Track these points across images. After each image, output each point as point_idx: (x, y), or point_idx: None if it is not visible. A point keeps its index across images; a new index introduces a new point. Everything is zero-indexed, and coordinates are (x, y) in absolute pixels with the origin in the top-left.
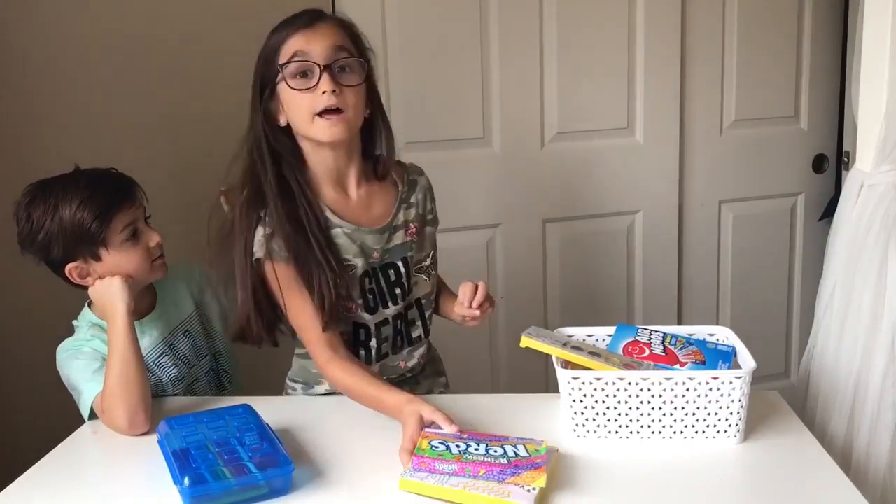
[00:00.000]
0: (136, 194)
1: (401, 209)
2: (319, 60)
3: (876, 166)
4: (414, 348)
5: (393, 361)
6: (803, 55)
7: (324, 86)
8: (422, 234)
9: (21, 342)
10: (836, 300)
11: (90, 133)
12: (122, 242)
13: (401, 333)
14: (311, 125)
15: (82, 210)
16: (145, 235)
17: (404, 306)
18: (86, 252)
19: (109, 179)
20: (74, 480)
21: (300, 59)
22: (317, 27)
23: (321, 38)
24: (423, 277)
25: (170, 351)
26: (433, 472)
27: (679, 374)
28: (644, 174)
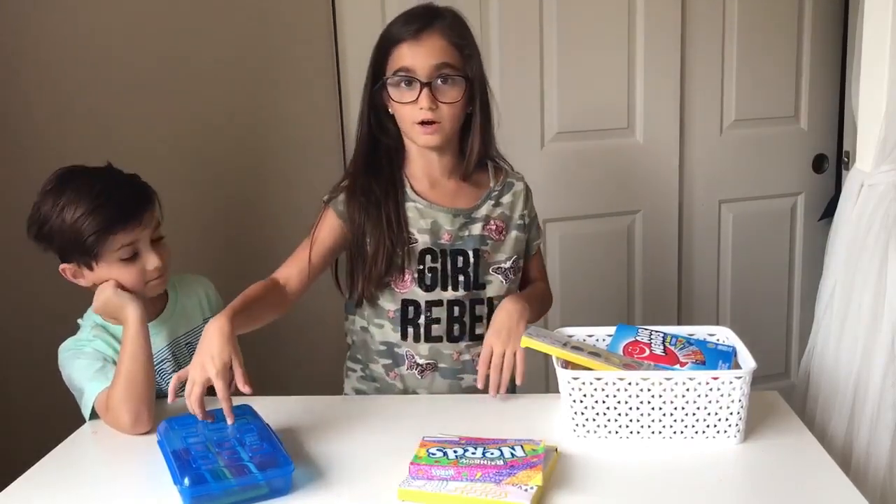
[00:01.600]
0: (144, 215)
1: (486, 203)
2: (422, 77)
3: (876, 166)
4: (474, 345)
5: (446, 349)
6: (803, 55)
7: (422, 102)
8: (505, 235)
9: (21, 342)
10: (836, 300)
11: (91, 133)
12: (117, 259)
13: (460, 323)
14: (410, 129)
15: (83, 221)
16: (144, 257)
17: (469, 298)
18: (78, 259)
19: (124, 193)
20: (74, 480)
21: (403, 74)
22: (424, 40)
23: (426, 53)
24: (498, 278)
25: (171, 358)
26: (431, 480)
27: (679, 374)
28: (644, 174)
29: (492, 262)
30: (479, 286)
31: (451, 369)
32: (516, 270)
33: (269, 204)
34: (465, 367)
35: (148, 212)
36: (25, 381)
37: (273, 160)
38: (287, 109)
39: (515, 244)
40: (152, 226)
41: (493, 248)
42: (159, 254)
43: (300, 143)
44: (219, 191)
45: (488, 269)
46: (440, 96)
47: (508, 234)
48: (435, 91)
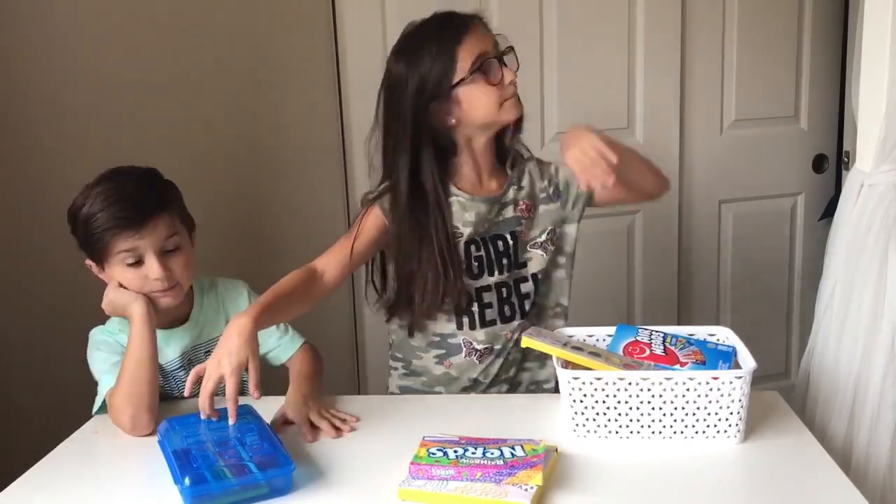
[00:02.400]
0: (147, 223)
1: (510, 188)
2: (493, 53)
3: (876, 166)
4: (525, 322)
5: (501, 330)
6: (803, 55)
7: (508, 76)
8: (534, 212)
9: (21, 342)
10: (836, 300)
11: (90, 135)
12: (119, 263)
13: (509, 303)
14: (501, 111)
15: (92, 220)
16: (147, 266)
17: (513, 278)
18: (92, 256)
19: (134, 198)
20: (74, 480)
21: (485, 58)
22: (473, 30)
23: (484, 37)
24: (537, 252)
25: (188, 366)
26: (431, 479)
27: (679, 374)
28: None
29: (528, 239)
30: (521, 265)
31: (505, 348)
32: (554, 240)
33: (268, 204)
34: (516, 342)
35: (154, 220)
36: (25, 381)
37: (273, 160)
38: (287, 110)
39: (546, 217)
40: (161, 235)
41: (526, 226)
42: (167, 264)
43: (300, 143)
44: (218, 191)
45: (526, 247)
46: (513, 65)
47: (537, 210)
48: (509, 64)
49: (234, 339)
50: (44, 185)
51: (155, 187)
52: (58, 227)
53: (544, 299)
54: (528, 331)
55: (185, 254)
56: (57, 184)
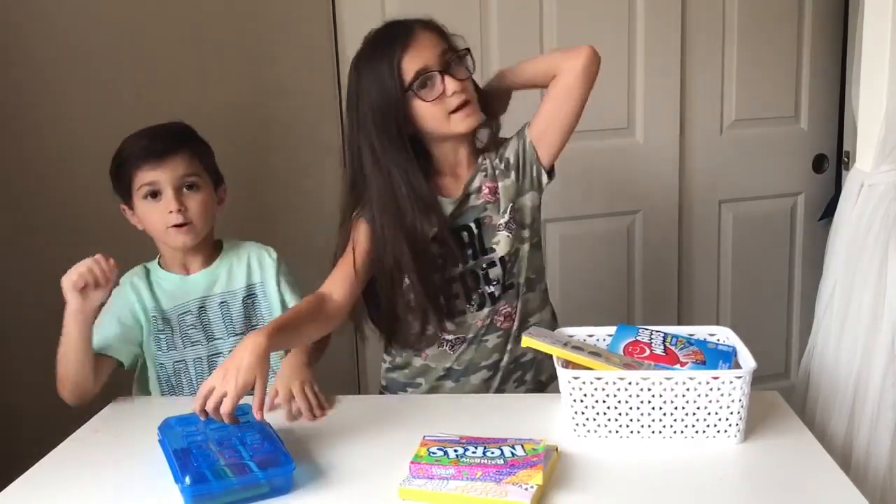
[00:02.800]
0: (167, 157)
1: (477, 174)
2: (437, 68)
3: (876, 166)
4: (493, 308)
5: (472, 319)
6: (803, 55)
7: (450, 87)
8: (497, 192)
9: (21, 342)
10: (836, 300)
11: (89, 132)
12: (142, 198)
13: (477, 292)
14: (449, 122)
15: (122, 153)
16: (165, 200)
17: (480, 265)
18: (123, 193)
19: (159, 135)
20: (75, 480)
21: (423, 74)
22: (416, 41)
23: (427, 49)
24: (503, 234)
25: (196, 312)
26: (431, 479)
27: (679, 373)
28: (644, 174)
29: (495, 223)
30: (488, 251)
31: (476, 336)
32: (515, 218)
33: (268, 204)
34: (487, 331)
35: (175, 154)
36: (25, 381)
37: (273, 161)
38: (287, 110)
39: (507, 193)
40: (179, 171)
41: (492, 210)
42: (184, 200)
43: (300, 143)
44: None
45: (494, 231)
46: (457, 76)
47: (498, 188)
48: (453, 73)
49: (247, 357)
50: (44, 183)
51: (180, 130)
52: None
53: (517, 277)
54: (528, 331)
55: (203, 196)
56: (57, 183)
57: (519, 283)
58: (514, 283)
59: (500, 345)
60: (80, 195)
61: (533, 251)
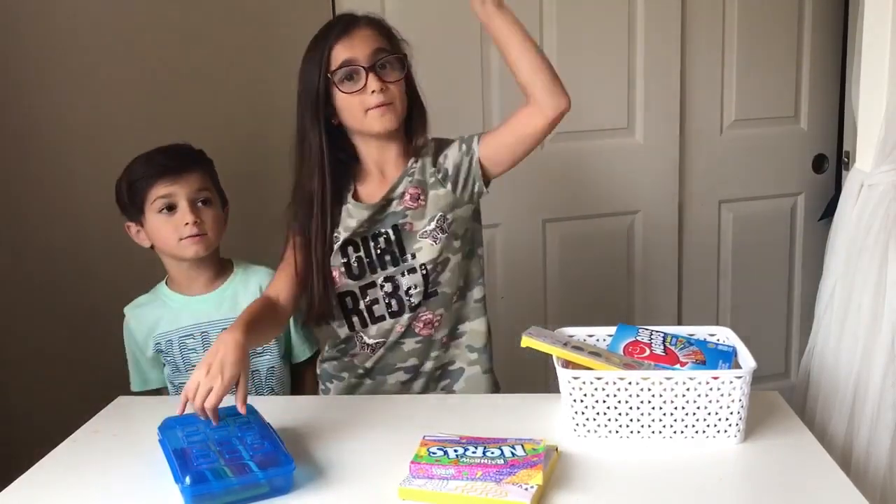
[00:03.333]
0: (184, 172)
1: (402, 180)
2: (364, 63)
3: (876, 166)
4: (413, 314)
5: (389, 325)
6: (803, 55)
7: (371, 85)
8: (424, 199)
9: (21, 342)
10: (836, 300)
11: (89, 138)
12: (157, 211)
13: (396, 297)
14: (365, 120)
15: (132, 169)
16: (181, 213)
17: (400, 272)
18: (131, 211)
19: (172, 152)
20: (74, 480)
21: (347, 65)
22: (354, 33)
23: (361, 42)
24: (427, 241)
25: (199, 337)
26: (431, 479)
27: (679, 373)
28: (644, 174)
29: (416, 230)
30: (407, 257)
31: (396, 341)
32: (444, 227)
33: (268, 204)
34: (404, 335)
35: (190, 171)
36: (25, 381)
37: (272, 161)
38: (287, 110)
39: (437, 202)
40: (194, 186)
41: (414, 216)
42: (199, 213)
43: None
44: None
45: (415, 237)
46: (385, 77)
47: (427, 197)
48: (379, 73)
49: (231, 353)
50: (44, 184)
51: (192, 149)
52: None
53: (445, 287)
54: (528, 330)
55: (216, 212)
56: (57, 183)
57: (446, 292)
58: (439, 292)
59: (421, 350)
60: (80, 196)
61: (465, 261)
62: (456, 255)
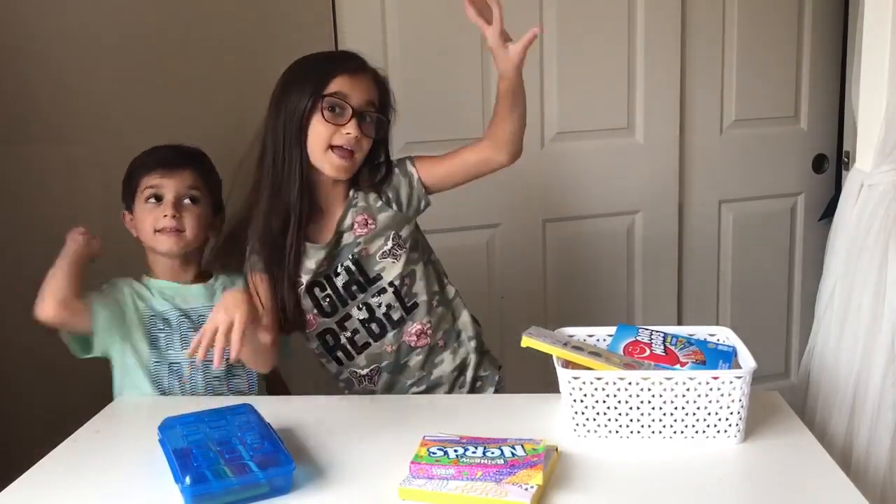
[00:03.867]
0: (177, 169)
1: (348, 213)
2: (354, 104)
3: (876, 166)
4: (399, 331)
5: (377, 349)
6: (803, 55)
7: (350, 128)
8: (374, 224)
9: (21, 342)
10: (836, 300)
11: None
12: (144, 200)
13: (375, 320)
14: (324, 155)
15: (135, 162)
16: (164, 205)
17: (371, 295)
18: (128, 198)
19: (177, 149)
20: (75, 480)
21: (341, 98)
22: (360, 77)
23: (361, 86)
24: (388, 261)
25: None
26: (431, 479)
27: (679, 373)
28: (644, 174)
29: (372, 253)
30: (374, 280)
31: (394, 362)
32: (400, 243)
33: None
34: (403, 353)
35: (184, 169)
36: (26, 381)
37: None
38: None
39: (387, 222)
40: (184, 183)
41: (367, 241)
42: (182, 211)
43: None
44: None
45: (374, 259)
46: (364, 129)
47: (376, 220)
48: (361, 123)
49: (241, 297)
50: (44, 184)
51: (195, 151)
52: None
53: (422, 296)
54: (528, 330)
55: (201, 211)
56: (57, 184)
57: (424, 300)
58: (418, 303)
59: (426, 360)
60: (79, 196)
61: (427, 268)
62: (418, 264)
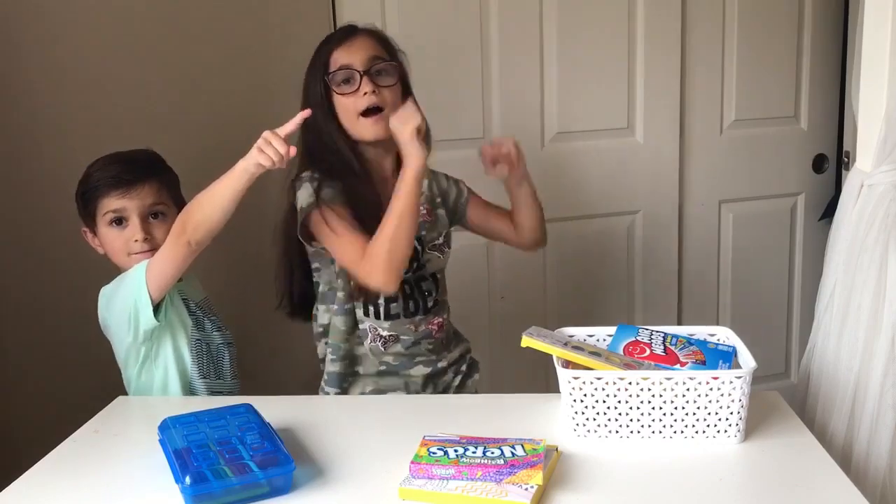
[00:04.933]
0: (136, 186)
1: None
2: (359, 67)
3: (876, 166)
4: (426, 318)
5: (404, 324)
6: (803, 55)
7: (364, 87)
8: (434, 214)
9: (21, 342)
10: (836, 300)
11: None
12: (106, 224)
13: (413, 299)
14: (357, 124)
15: (89, 179)
16: (130, 228)
17: (414, 277)
18: (87, 218)
19: (131, 161)
20: (74, 480)
21: (344, 69)
22: (353, 41)
23: (358, 49)
24: (435, 254)
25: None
26: (431, 479)
27: (679, 373)
28: (644, 174)
29: (428, 241)
30: (422, 266)
31: (412, 339)
32: (448, 242)
33: (268, 204)
34: (422, 334)
35: (143, 183)
36: (26, 381)
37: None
38: (287, 110)
39: (442, 220)
40: (147, 200)
41: (428, 228)
42: (150, 228)
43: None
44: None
45: (426, 248)
46: (379, 82)
47: (436, 213)
48: (374, 78)
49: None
50: (44, 184)
51: (149, 159)
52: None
53: (445, 295)
54: (528, 330)
55: (169, 225)
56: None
57: (446, 300)
58: (441, 301)
59: (435, 348)
60: None
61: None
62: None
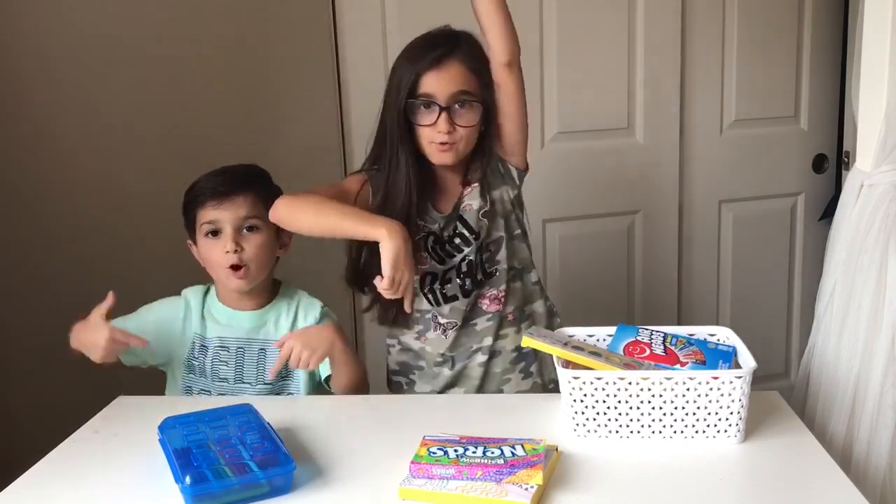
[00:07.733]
0: (230, 196)
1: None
2: (442, 102)
3: (876, 166)
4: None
5: (461, 304)
6: (803, 55)
7: (441, 125)
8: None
9: (21, 343)
10: (836, 300)
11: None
12: (203, 235)
13: (471, 276)
14: (427, 147)
15: (191, 190)
16: (224, 238)
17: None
18: (189, 230)
19: (225, 176)
20: (74, 480)
21: (425, 100)
22: (444, 68)
23: (447, 81)
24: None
25: (234, 351)
26: (431, 479)
27: (679, 373)
28: (644, 174)
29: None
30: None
31: (468, 322)
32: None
33: None
34: (474, 314)
35: (237, 196)
36: (25, 381)
37: (273, 161)
38: (287, 110)
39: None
40: (241, 212)
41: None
42: (241, 241)
43: (300, 143)
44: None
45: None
46: (457, 119)
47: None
48: (453, 115)
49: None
50: (44, 185)
51: (248, 172)
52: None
53: (500, 265)
54: (528, 330)
55: (262, 239)
56: (57, 184)
57: (503, 269)
58: (497, 270)
59: (492, 328)
60: (80, 196)
61: (516, 242)
62: (502, 232)
